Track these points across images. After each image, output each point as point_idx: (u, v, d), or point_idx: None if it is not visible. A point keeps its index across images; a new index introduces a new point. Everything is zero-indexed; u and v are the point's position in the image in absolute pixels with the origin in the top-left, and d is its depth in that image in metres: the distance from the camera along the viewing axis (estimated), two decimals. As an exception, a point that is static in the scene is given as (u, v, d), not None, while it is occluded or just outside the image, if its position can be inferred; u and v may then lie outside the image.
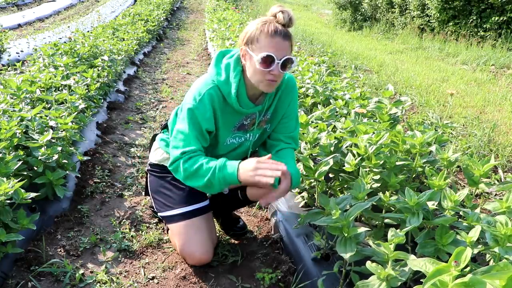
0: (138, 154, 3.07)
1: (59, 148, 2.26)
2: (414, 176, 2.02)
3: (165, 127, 1.97)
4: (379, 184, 1.84)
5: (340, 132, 2.24)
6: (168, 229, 2.01)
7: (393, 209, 1.69)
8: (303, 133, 2.25)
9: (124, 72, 5.23)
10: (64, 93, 2.94)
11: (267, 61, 1.53)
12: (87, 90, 3.45)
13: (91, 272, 1.82)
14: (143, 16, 8.91)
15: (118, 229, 2.14)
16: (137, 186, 2.59)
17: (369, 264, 1.35)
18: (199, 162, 1.61)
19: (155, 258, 1.94)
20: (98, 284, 1.74)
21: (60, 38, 6.71)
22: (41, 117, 2.56)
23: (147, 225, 2.19)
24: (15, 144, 2.17)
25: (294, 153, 1.89)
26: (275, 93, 1.77)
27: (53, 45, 4.55)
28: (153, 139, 2.04)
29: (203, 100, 1.62)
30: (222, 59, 1.70)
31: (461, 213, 1.61)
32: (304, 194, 2.16)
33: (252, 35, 1.56)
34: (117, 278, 1.78)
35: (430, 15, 9.08)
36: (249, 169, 1.54)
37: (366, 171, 1.86)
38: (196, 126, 1.64)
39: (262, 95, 1.74)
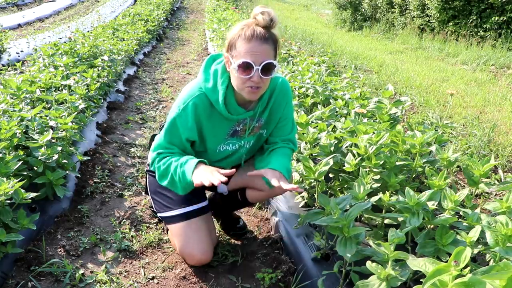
0: (138, 154, 3.07)
1: (59, 148, 2.26)
2: (414, 176, 2.02)
3: (163, 128, 1.97)
4: (379, 184, 1.84)
5: (340, 132, 2.24)
6: (168, 229, 2.02)
7: (393, 209, 1.69)
8: (303, 133, 2.25)
9: (124, 72, 5.23)
10: (64, 93, 2.94)
11: (245, 68, 1.48)
12: (87, 90, 3.45)
13: (91, 272, 1.82)
14: (143, 16, 8.91)
15: (118, 229, 2.14)
16: (137, 186, 2.59)
17: (369, 264, 1.36)
18: (169, 161, 1.65)
19: (155, 258, 1.94)
20: (98, 284, 1.74)
21: (60, 38, 6.71)
22: (41, 117, 2.56)
23: (147, 225, 2.19)
24: (15, 144, 2.18)
25: (290, 152, 1.85)
26: (269, 98, 1.73)
27: (53, 45, 4.55)
28: (152, 139, 2.04)
29: (186, 110, 1.62)
30: (211, 65, 1.67)
31: (461, 213, 1.61)
32: (304, 194, 2.16)
33: (232, 41, 1.51)
34: (117, 278, 1.78)
35: (430, 15, 9.08)
36: (200, 172, 1.52)
37: (366, 171, 1.86)
38: (174, 135, 1.66)
39: (254, 101, 1.71)
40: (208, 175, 1.48)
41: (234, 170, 1.54)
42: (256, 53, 1.47)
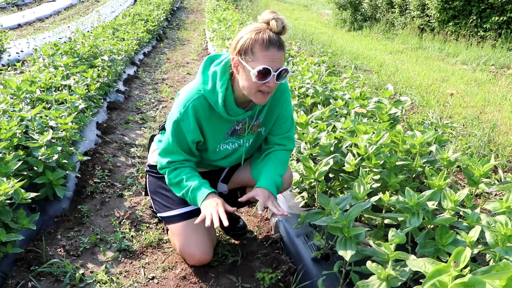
0: (138, 154, 3.07)
1: (59, 148, 2.26)
2: (414, 176, 2.02)
3: (163, 128, 1.97)
4: (379, 184, 1.84)
5: (340, 132, 2.24)
6: (168, 229, 2.02)
7: (393, 209, 1.69)
8: (303, 133, 2.25)
9: (124, 72, 5.23)
10: (64, 93, 2.94)
11: (263, 73, 1.50)
12: (87, 90, 3.45)
13: (91, 272, 1.82)
14: (143, 16, 8.91)
15: (118, 229, 2.14)
16: (137, 186, 2.59)
17: (369, 264, 1.36)
18: (181, 176, 1.70)
19: (155, 258, 1.94)
20: (98, 284, 1.74)
21: (60, 38, 6.71)
22: (41, 117, 2.56)
23: (147, 225, 2.19)
24: (15, 144, 2.17)
25: (286, 154, 1.87)
26: None
27: (53, 45, 4.55)
28: (151, 140, 2.04)
29: (187, 113, 1.63)
30: (209, 66, 1.67)
31: (461, 213, 1.61)
32: (304, 194, 2.16)
33: (246, 45, 1.51)
34: (117, 278, 1.78)
35: (430, 15, 9.08)
36: (207, 204, 1.61)
37: (366, 171, 1.86)
38: (180, 138, 1.68)
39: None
40: (213, 211, 1.57)
41: (235, 208, 1.65)
42: (275, 60, 1.51)
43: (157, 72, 5.83)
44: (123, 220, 2.22)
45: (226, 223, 1.54)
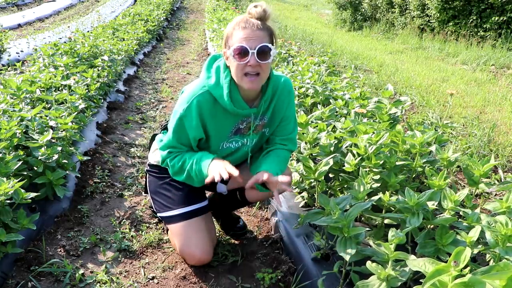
0: (138, 154, 3.07)
1: (59, 148, 2.26)
2: (414, 176, 2.02)
3: (165, 127, 1.97)
4: (379, 184, 1.84)
5: (340, 132, 2.23)
6: (168, 229, 2.02)
7: (393, 209, 1.69)
8: (303, 133, 2.25)
9: (124, 72, 5.23)
10: (64, 93, 2.94)
11: (241, 53, 1.51)
12: (87, 90, 3.45)
13: (91, 272, 1.82)
14: (143, 16, 8.91)
15: (118, 229, 2.14)
16: (137, 186, 2.59)
17: (369, 264, 1.36)
18: (184, 158, 1.72)
19: (155, 258, 1.94)
20: (98, 284, 1.74)
21: (60, 38, 6.71)
22: (41, 117, 2.56)
23: (147, 225, 2.19)
24: (15, 144, 2.18)
25: (287, 153, 1.86)
26: (272, 96, 1.74)
27: (53, 45, 4.55)
28: (153, 139, 2.04)
29: (190, 108, 1.64)
30: (213, 64, 1.69)
31: (461, 213, 1.61)
32: (304, 194, 2.16)
33: (228, 35, 1.58)
34: (117, 278, 1.78)
35: (430, 15, 9.08)
36: (214, 167, 1.60)
37: (366, 171, 1.86)
38: (182, 134, 1.69)
39: (258, 98, 1.72)
40: (220, 169, 1.55)
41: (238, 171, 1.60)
42: (251, 38, 1.51)
43: (157, 72, 5.83)
44: (123, 220, 2.22)
45: (236, 172, 1.55)
